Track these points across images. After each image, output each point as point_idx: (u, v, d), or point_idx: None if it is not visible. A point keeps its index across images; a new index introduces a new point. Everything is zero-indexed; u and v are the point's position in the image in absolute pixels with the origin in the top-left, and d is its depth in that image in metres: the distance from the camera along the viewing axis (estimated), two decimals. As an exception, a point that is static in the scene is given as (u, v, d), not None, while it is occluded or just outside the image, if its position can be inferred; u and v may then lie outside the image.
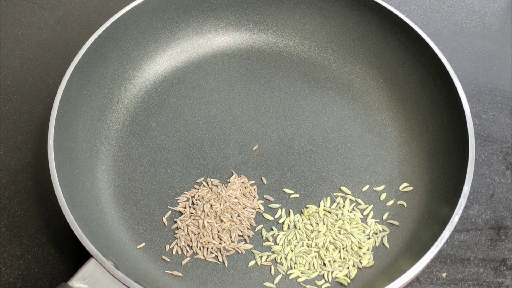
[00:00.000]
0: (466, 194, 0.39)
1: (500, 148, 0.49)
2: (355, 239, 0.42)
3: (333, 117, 0.48)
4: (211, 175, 0.45)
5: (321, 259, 0.41)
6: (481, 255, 0.43)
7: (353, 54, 0.51)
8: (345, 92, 0.50)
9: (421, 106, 0.47)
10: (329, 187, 0.45)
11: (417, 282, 0.42)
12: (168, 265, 0.41)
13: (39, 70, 0.52)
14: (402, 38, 0.47)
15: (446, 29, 0.56)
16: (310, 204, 0.44)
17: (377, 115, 0.48)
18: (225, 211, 0.43)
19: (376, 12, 0.48)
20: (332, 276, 0.41)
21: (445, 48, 0.51)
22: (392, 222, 0.43)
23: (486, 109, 0.51)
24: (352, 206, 0.44)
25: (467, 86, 0.52)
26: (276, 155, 0.46)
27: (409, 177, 0.45)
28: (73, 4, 0.58)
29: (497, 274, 0.43)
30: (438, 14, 0.58)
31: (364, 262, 0.41)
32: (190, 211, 0.43)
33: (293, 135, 0.47)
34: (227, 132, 0.47)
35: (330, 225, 0.43)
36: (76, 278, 0.35)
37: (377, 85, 0.49)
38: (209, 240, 0.42)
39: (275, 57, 0.51)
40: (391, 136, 0.47)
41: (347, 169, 0.46)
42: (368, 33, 0.49)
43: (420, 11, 0.58)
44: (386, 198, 0.44)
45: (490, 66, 0.54)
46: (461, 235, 0.44)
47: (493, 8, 0.58)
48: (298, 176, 0.45)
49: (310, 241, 0.42)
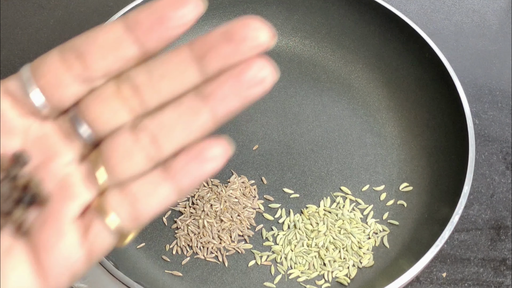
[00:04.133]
0: (466, 194, 0.39)
1: (500, 148, 0.49)
2: (355, 239, 0.42)
3: (333, 117, 0.48)
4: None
5: (321, 259, 0.41)
6: (481, 255, 0.44)
7: (353, 54, 0.51)
8: (345, 92, 0.50)
9: (421, 106, 0.47)
10: (329, 187, 0.45)
11: (417, 282, 0.42)
12: (168, 265, 0.41)
13: (39, 70, 0.52)
14: (402, 38, 0.47)
15: (446, 29, 0.56)
16: (310, 204, 0.44)
17: (377, 115, 0.48)
18: (225, 211, 0.43)
19: (376, 12, 0.48)
20: (332, 276, 0.41)
21: (445, 48, 0.51)
22: (392, 222, 0.43)
23: (486, 109, 0.51)
24: (352, 206, 0.44)
25: (467, 86, 0.52)
26: (276, 155, 0.46)
27: (409, 177, 0.45)
28: (73, 4, 0.58)
29: (497, 274, 0.43)
30: (438, 14, 0.58)
31: (364, 262, 0.41)
32: (190, 211, 0.43)
33: (293, 135, 0.47)
34: (227, 132, 0.47)
35: (330, 225, 0.43)
36: (76, 278, 0.35)
37: (377, 85, 0.49)
38: (209, 240, 0.42)
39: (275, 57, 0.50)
40: (391, 136, 0.47)
41: (347, 169, 0.46)
42: (368, 33, 0.49)
43: (420, 11, 0.58)
44: (386, 198, 0.44)
45: (490, 66, 0.54)
46: (461, 235, 0.44)
47: (493, 8, 0.58)
48: (298, 176, 0.45)
49: (310, 241, 0.42)
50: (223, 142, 0.24)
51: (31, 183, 0.24)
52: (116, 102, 0.24)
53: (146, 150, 0.24)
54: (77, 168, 0.25)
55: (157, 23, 0.23)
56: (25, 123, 0.25)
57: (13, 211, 0.24)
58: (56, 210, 0.24)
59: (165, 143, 0.24)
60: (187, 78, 0.24)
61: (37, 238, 0.23)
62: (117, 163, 0.24)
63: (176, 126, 0.24)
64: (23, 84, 0.24)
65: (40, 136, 0.25)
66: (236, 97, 0.23)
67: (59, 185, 0.24)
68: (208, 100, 0.23)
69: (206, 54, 0.23)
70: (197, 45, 0.23)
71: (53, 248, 0.23)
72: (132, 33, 0.23)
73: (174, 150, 0.24)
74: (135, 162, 0.24)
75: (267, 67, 0.23)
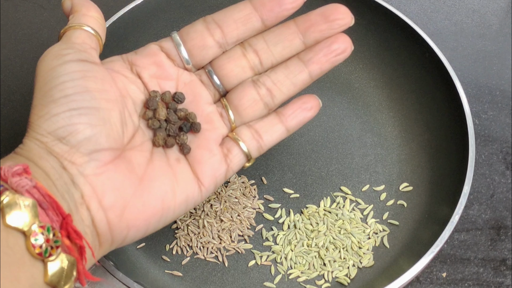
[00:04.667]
0: (466, 194, 0.39)
1: (500, 148, 0.49)
2: (355, 239, 0.42)
3: (333, 117, 0.48)
4: (211, 175, 0.45)
5: (321, 259, 0.41)
6: (481, 255, 0.44)
7: (353, 54, 0.50)
8: (345, 92, 0.50)
9: (421, 106, 0.47)
10: (329, 187, 0.45)
11: (417, 282, 0.42)
12: (168, 265, 0.41)
13: (39, 70, 0.52)
14: (402, 38, 0.47)
15: (446, 29, 0.56)
16: (310, 204, 0.44)
17: (377, 115, 0.48)
18: (225, 211, 0.43)
19: (376, 12, 0.48)
20: (332, 276, 0.41)
21: (445, 48, 0.51)
22: (392, 222, 0.43)
23: (486, 109, 0.51)
24: (352, 206, 0.44)
25: (467, 86, 0.52)
26: (276, 155, 0.46)
27: (409, 177, 0.45)
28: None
29: (497, 274, 0.43)
30: (438, 14, 0.58)
31: (364, 262, 0.41)
32: (190, 211, 0.43)
33: (293, 135, 0.47)
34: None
35: (330, 225, 0.43)
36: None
37: (377, 85, 0.49)
38: (209, 240, 0.42)
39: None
40: (391, 136, 0.47)
41: (347, 169, 0.46)
42: (368, 33, 0.49)
43: (420, 11, 0.58)
44: (386, 198, 0.44)
45: (490, 66, 0.54)
46: (461, 235, 0.44)
47: (493, 8, 0.58)
48: (298, 176, 0.45)
49: (310, 241, 0.42)
50: (316, 98, 0.35)
51: (188, 115, 0.33)
52: (243, 62, 0.34)
53: (264, 100, 0.34)
54: (215, 108, 0.34)
55: (277, 5, 0.33)
56: (177, 71, 0.34)
57: (178, 135, 0.32)
58: (207, 136, 0.33)
59: (277, 94, 0.34)
60: (293, 45, 0.34)
61: (194, 155, 0.32)
62: (245, 109, 0.34)
63: (285, 82, 0.34)
64: (175, 44, 0.34)
65: (188, 82, 0.34)
66: (327, 62, 0.34)
67: (205, 119, 0.33)
68: (308, 64, 0.34)
69: (309, 29, 0.33)
70: (301, 22, 0.34)
71: (206, 163, 0.32)
72: (258, 12, 0.33)
73: (283, 100, 0.35)
74: (257, 108, 0.34)
75: (349, 41, 0.34)
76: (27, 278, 0.24)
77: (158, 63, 0.33)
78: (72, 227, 0.26)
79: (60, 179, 0.27)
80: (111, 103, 0.30)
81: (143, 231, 0.30)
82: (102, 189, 0.28)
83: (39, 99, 0.28)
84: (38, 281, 0.24)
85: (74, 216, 0.27)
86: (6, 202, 0.24)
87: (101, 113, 0.29)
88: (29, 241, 0.24)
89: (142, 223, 0.30)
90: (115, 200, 0.28)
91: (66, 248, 0.25)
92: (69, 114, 0.28)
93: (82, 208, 0.27)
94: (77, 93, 0.28)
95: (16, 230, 0.24)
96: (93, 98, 0.29)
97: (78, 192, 0.28)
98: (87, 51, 0.30)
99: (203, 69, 0.35)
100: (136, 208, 0.29)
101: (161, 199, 0.30)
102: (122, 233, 0.29)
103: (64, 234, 0.25)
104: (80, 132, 0.28)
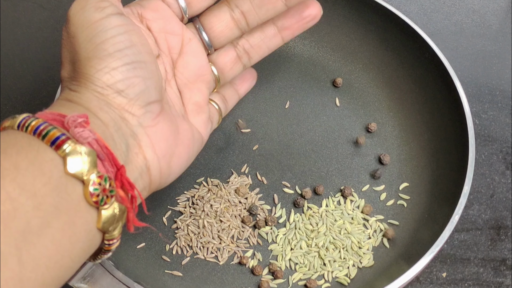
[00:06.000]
0: (466, 194, 0.39)
1: (500, 148, 0.49)
2: (355, 239, 0.42)
3: (333, 117, 0.48)
4: (211, 175, 0.45)
5: (321, 259, 0.41)
6: (481, 255, 0.44)
7: (353, 54, 0.51)
8: (345, 92, 0.50)
9: (421, 106, 0.47)
10: (329, 187, 0.45)
11: (417, 282, 0.42)
12: (168, 265, 0.41)
13: (39, 70, 0.52)
14: (402, 38, 0.47)
15: (446, 29, 0.56)
16: (310, 204, 0.44)
17: (377, 115, 0.48)
18: (225, 211, 0.43)
19: (376, 12, 0.48)
20: (332, 276, 0.41)
21: (445, 48, 0.51)
22: (392, 222, 0.43)
23: (486, 109, 0.51)
24: (352, 206, 0.44)
25: (467, 86, 0.52)
26: (276, 155, 0.46)
27: (409, 177, 0.45)
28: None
29: (497, 274, 0.43)
30: (438, 14, 0.58)
31: (364, 262, 0.41)
32: (190, 211, 0.43)
33: (293, 135, 0.47)
34: (227, 132, 0.47)
35: (330, 225, 0.43)
36: (76, 278, 0.35)
37: (377, 85, 0.49)
38: (209, 240, 0.42)
39: (274, 56, 0.50)
40: (391, 136, 0.47)
41: (347, 169, 0.46)
42: (368, 33, 0.49)
43: (420, 11, 0.58)
44: (386, 198, 0.44)
45: (490, 66, 0.54)
46: (461, 235, 0.44)
47: (493, 8, 0.58)
48: (298, 176, 0.45)
49: (310, 241, 0.42)
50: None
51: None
52: (233, 23, 0.37)
53: (243, 60, 0.39)
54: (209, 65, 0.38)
55: None
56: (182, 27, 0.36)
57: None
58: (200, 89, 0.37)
59: (254, 56, 0.40)
60: (276, 8, 0.36)
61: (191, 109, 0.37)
62: (228, 70, 0.39)
63: (261, 46, 0.39)
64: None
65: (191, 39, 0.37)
66: (299, 28, 0.39)
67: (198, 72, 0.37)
68: (281, 30, 0.39)
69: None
70: None
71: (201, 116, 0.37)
72: None
73: (258, 60, 0.40)
74: (237, 68, 0.39)
75: (318, 7, 0.38)
76: (82, 223, 0.25)
77: (166, 17, 0.35)
78: (126, 178, 0.27)
79: (119, 130, 0.29)
80: (151, 56, 0.31)
81: (175, 176, 0.34)
82: (156, 139, 0.31)
83: (91, 51, 0.29)
84: (92, 226, 0.26)
85: (127, 166, 0.29)
86: (69, 151, 0.25)
87: (148, 66, 0.30)
88: (87, 189, 0.25)
89: (179, 169, 0.33)
90: (165, 150, 0.31)
91: (120, 197, 0.27)
92: (126, 68, 0.29)
93: (138, 158, 0.30)
94: (127, 47, 0.29)
95: (75, 178, 0.25)
96: (139, 52, 0.30)
97: (136, 142, 0.30)
98: (117, 5, 0.31)
99: (192, 24, 0.37)
100: (178, 156, 0.33)
101: (187, 146, 0.34)
102: (168, 179, 0.33)
103: (118, 184, 0.27)
104: (137, 85, 0.30)
